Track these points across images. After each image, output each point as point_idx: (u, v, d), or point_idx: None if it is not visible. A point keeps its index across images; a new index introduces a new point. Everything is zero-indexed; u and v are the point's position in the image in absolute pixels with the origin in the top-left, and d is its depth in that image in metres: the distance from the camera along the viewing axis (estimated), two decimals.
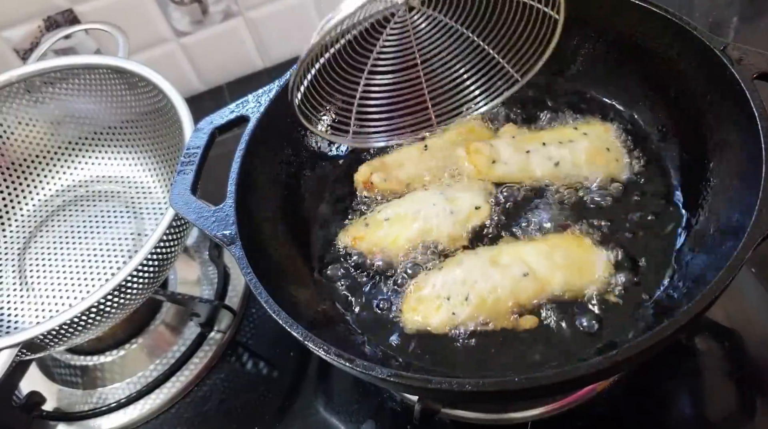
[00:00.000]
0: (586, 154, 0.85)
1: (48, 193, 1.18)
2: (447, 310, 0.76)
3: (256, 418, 0.93)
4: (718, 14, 1.25)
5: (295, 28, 1.38)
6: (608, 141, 0.86)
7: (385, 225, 0.85)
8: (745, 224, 0.61)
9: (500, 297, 0.75)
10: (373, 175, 0.89)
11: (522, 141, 0.88)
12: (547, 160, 0.85)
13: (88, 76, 1.10)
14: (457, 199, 0.85)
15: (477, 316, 0.75)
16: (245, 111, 0.84)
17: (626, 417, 0.83)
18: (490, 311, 0.75)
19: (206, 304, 1.01)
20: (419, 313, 0.77)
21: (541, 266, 0.76)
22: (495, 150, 0.87)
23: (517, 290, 0.75)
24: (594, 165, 0.84)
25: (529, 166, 0.86)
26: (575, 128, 0.88)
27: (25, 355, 0.85)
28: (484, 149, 0.87)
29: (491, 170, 0.87)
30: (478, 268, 0.77)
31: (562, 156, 0.85)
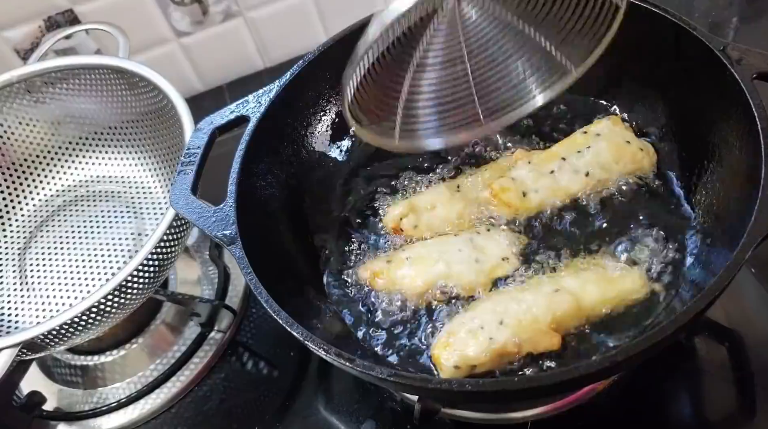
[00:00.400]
0: (611, 154, 0.82)
1: (48, 193, 1.18)
2: (483, 337, 0.70)
3: (256, 418, 0.93)
4: (718, 14, 1.25)
5: (295, 28, 1.39)
6: (623, 133, 0.84)
7: (405, 264, 0.81)
8: (745, 224, 0.61)
9: (536, 315, 0.71)
10: (403, 221, 0.85)
11: (540, 163, 0.84)
12: (575, 173, 0.82)
13: (88, 76, 1.10)
14: (485, 248, 0.80)
15: (517, 338, 0.70)
16: (245, 111, 0.84)
17: (626, 417, 0.83)
18: (530, 330, 0.70)
19: (206, 304, 1.01)
20: (453, 348, 0.71)
21: (570, 282, 0.74)
22: (519, 181, 0.83)
23: (553, 306, 0.71)
24: (623, 162, 0.82)
25: (560, 184, 0.82)
26: (584, 133, 0.85)
27: (26, 355, 0.85)
28: (508, 184, 0.83)
29: (526, 203, 0.83)
30: (507, 297, 0.74)
31: (587, 165, 0.82)
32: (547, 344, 0.70)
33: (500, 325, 0.71)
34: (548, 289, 0.73)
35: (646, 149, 0.84)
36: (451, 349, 0.71)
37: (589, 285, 0.73)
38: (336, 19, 1.37)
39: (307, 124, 0.93)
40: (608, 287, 0.74)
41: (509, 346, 0.69)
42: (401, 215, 0.85)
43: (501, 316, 0.71)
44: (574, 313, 0.72)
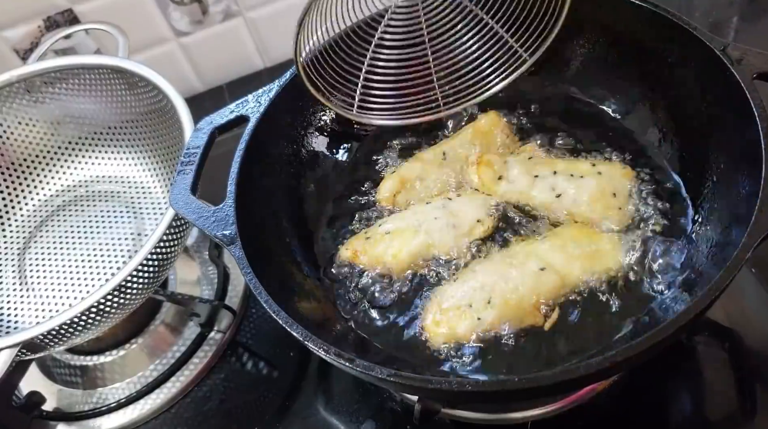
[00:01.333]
0: (589, 194, 0.81)
1: (48, 193, 1.18)
2: (471, 317, 0.74)
3: (256, 418, 0.93)
4: (718, 14, 1.25)
5: None
6: (619, 186, 0.82)
7: (386, 238, 0.83)
8: (745, 224, 0.61)
9: (523, 295, 0.75)
10: (397, 197, 0.89)
11: (535, 164, 0.86)
12: (550, 190, 0.83)
13: (88, 76, 1.10)
14: (459, 212, 0.84)
15: (503, 318, 0.74)
16: (245, 111, 0.84)
17: (626, 417, 0.83)
18: (516, 310, 0.74)
19: (206, 304, 1.01)
20: (443, 325, 0.75)
21: (556, 259, 0.76)
22: (505, 167, 0.86)
23: (538, 285, 0.75)
24: (593, 207, 0.81)
25: (531, 191, 0.84)
26: (593, 164, 0.84)
27: (25, 355, 0.85)
28: (495, 163, 0.87)
29: (494, 186, 0.87)
30: (494, 272, 0.77)
31: (565, 189, 0.82)
32: (531, 321, 0.75)
33: (488, 304, 0.74)
34: (534, 267, 0.76)
35: (624, 210, 0.81)
36: (442, 325, 0.75)
37: (574, 261, 0.76)
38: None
39: (307, 124, 0.93)
40: (593, 263, 0.76)
41: (496, 324, 0.74)
42: (394, 189, 0.89)
43: (489, 294, 0.75)
44: (559, 289, 0.76)
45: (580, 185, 0.82)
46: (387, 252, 0.82)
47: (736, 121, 0.71)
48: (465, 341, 0.74)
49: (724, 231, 0.72)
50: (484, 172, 0.87)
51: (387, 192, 0.89)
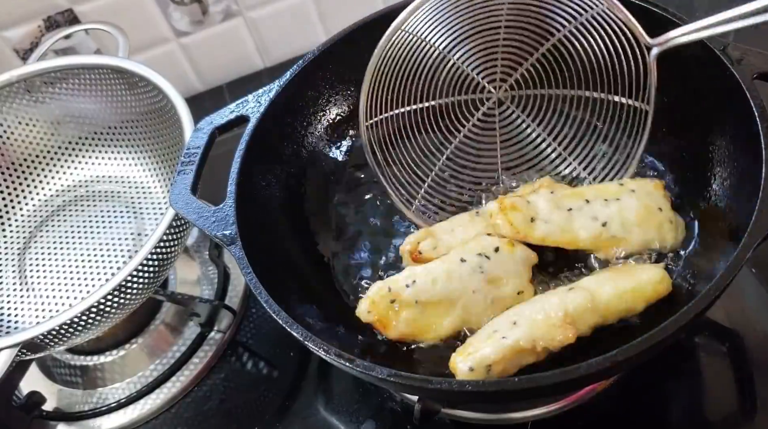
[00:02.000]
0: (636, 214, 0.74)
1: (48, 193, 1.18)
2: (497, 338, 0.67)
3: (256, 418, 0.93)
4: None
5: (295, 28, 1.38)
6: (659, 200, 0.76)
7: (415, 309, 0.73)
8: (745, 224, 0.61)
9: (548, 310, 0.68)
10: (421, 244, 0.78)
11: (562, 197, 0.77)
12: (592, 220, 0.74)
13: (88, 76, 1.10)
14: (498, 280, 0.74)
15: (531, 335, 0.67)
16: (245, 111, 0.84)
17: (626, 417, 0.83)
18: (544, 327, 0.67)
19: (206, 304, 1.01)
20: (467, 352, 0.68)
21: (587, 282, 0.72)
22: (532, 206, 0.76)
23: (565, 301, 0.68)
24: (646, 228, 0.74)
25: (572, 225, 0.75)
26: (621, 184, 0.78)
27: (25, 355, 0.85)
28: (520, 205, 0.76)
29: (530, 230, 0.75)
30: (521, 306, 0.72)
31: (609, 216, 0.74)
32: (561, 338, 0.67)
33: (513, 325, 0.68)
34: (563, 289, 0.72)
35: (676, 223, 0.76)
36: (465, 354, 0.68)
37: (606, 282, 0.71)
38: (336, 19, 1.37)
39: (307, 124, 0.93)
40: (625, 280, 0.71)
41: (522, 342, 0.66)
42: (419, 239, 0.79)
43: (514, 318, 0.69)
44: (589, 308, 0.68)
45: (622, 207, 0.75)
46: (416, 324, 0.74)
47: (736, 121, 0.71)
48: (491, 362, 0.66)
49: (723, 231, 0.72)
50: (514, 217, 0.75)
51: (411, 247, 0.78)
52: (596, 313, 0.69)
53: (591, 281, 0.72)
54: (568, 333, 0.67)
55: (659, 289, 0.70)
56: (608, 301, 0.69)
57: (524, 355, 0.67)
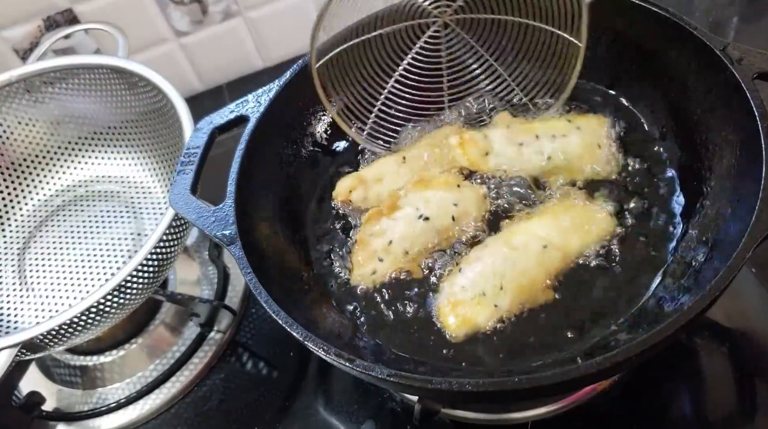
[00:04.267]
0: (578, 149, 0.85)
1: (48, 193, 1.18)
2: (488, 305, 0.75)
3: (256, 418, 0.93)
4: (718, 14, 1.25)
5: (295, 28, 1.38)
6: (600, 137, 0.86)
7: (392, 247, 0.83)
8: (746, 224, 0.61)
9: (533, 276, 0.76)
10: (352, 193, 0.88)
11: (516, 132, 0.88)
12: (539, 154, 0.85)
13: (88, 76, 1.10)
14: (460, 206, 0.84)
15: (519, 301, 0.75)
16: (245, 111, 0.84)
17: (626, 417, 0.83)
18: (530, 291, 0.75)
19: (206, 304, 1.01)
20: (460, 317, 0.75)
21: (554, 236, 0.78)
22: (488, 141, 0.87)
23: (544, 263, 0.76)
24: (584, 160, 0.84)
25: (521, 158, 0.86)
26: (569, 121, 0.87)
27: (25, 355, 0.85)
28: (478, 140, 0.87)
29: (484, 162, 0.87)
30: (498, 257, 0.77)
31: (553, 150, 0.85)
32: (543, 299, 0.76)
33: (501, 290, 0.75)
34: (537, 247, 0.77)
35: (611, 158, 0.85)
36: (460, 319, 0.75)
37: (571, 236, 0.78)
38: (336, 19, 1.37)
39: (307, 124, 0.93)
40: (588, 236, 0.78)
41: (513, 309, 0.75)
42: (350, 187, 0.88)
43: (500, 280, 0.75)
44: (562, 263, 0.78)
45: (566, 143, 0.85)
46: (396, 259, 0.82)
47: (736, 121, 0.71)
48: (484, 329, 0.75)
49: (724, 231, 0.72)
50: (470, 151, 0.87)
51: (343, 189, 0.89)
52: (567, 263, 0.78)
53: (556, 234, 0.78)
54: (551, 295, 0.76)
55: (611, 232, 0.79)
56: (576, 252, 0.78)
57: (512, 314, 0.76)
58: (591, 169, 0.84)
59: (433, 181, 0.86)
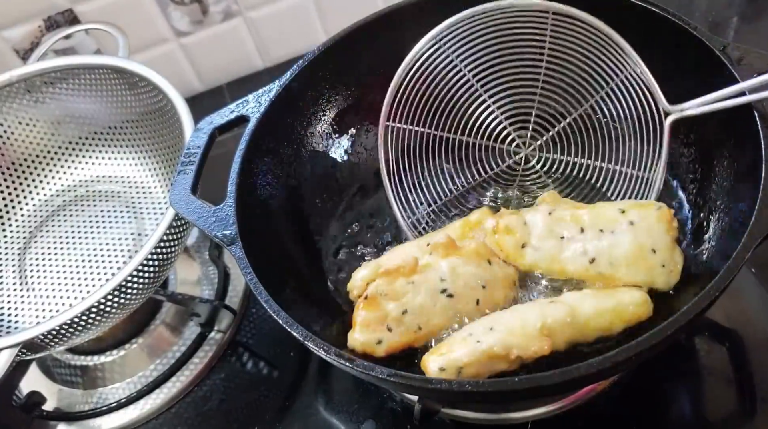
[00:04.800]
0: (627, 252, 0.71)
1: (48, 193, 1.18)
2: (471, 341, 0.67)
3: (256, 418, 0.93)
4: (718, 14, 1.25)
5: (295, 28, 1.38)
6: (657, 236, 0.71)
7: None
8: (745, 224, 0.61)
9: (526, 318, 0.67)
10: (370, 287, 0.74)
11: (558, 220, 0.75)
12: (582, 255, 0.72)
13: (88, 76, 1.10)
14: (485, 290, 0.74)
15: (505, 342, 0.66)
16: (245, 111, 0.84)
17: (626, 417, 0.83)
18: (520, 336, 0.66)
19: (206, 304, 1.01)
20: (440, 352, 0.68)
21: (568, 296, 0.72)
22: (527, 228, 0.75)
23: (544, 312, 0.68)
24: (633, 267, 0.71)
25: (561, 256, 0.73)
26: (622, 212, 0.73)
27: (25, 355, 0.85)
28: (514, 227, 0.75)
29: (520, 257, 0.75)
30: (500, 313, 0.72)
31: (598, 252, 0.72)
32: (536, 348, 0.66)
33: (489, 330, 0.68)
34: (544, 301, 0.72)
35: (670, 266, 0.71)
36: (438, 354, 0.68)
37: (587, 298, 0.70)
38: (336, 19, 1.37)
39: (307, 124, 0.93)
40: (606, 299, 0.70)
41: (497, 348, 0.66)
42: (367, 280, 0.78)
43: (491, 324, 0.69)
44: (568, 323, 0.68)
45: (615, 243, 0.71)
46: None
47: (736, 121, 0.71)
48: (462, 365, 0.66)
49: (724, 231, 0.72)
50: (505, 241, 0.75)
51: (360, 282, 0.79)
52: (574, 328, 0.68)
53: (573, 296, 0.71)
54: (543, 345, 0.66)
55: (640, 311, 0.69)
56: (588, 317, 0.69)
57: (497, 361, 0.67)
58: (641, 278, 0.71)
59: (465, 247, 0.76)
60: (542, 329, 0.67)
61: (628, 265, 0.71)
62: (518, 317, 0.69)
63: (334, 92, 0.94)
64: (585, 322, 0.68)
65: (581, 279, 0.74)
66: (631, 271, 0.71)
